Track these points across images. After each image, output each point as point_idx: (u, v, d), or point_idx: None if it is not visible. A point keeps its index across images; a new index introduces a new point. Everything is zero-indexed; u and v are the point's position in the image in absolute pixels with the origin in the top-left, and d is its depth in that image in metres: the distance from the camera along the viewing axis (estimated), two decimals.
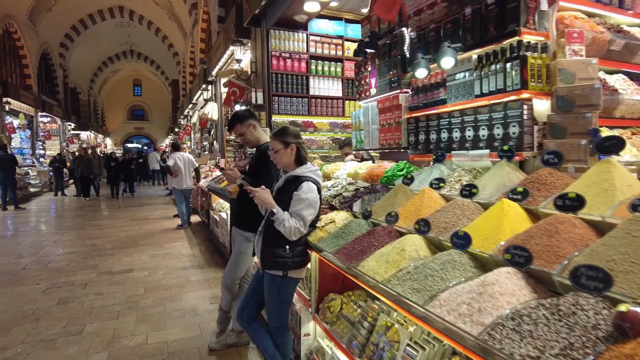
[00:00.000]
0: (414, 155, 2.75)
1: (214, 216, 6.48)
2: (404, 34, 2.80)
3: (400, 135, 2.80)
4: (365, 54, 3.15)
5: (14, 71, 16.96)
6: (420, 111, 2.66)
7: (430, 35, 2.58)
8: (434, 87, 2.55)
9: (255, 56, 7.30)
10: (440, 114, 2.52)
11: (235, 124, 3.11)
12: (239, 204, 3.16)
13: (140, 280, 4.89)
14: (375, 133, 3.07)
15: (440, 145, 2.53)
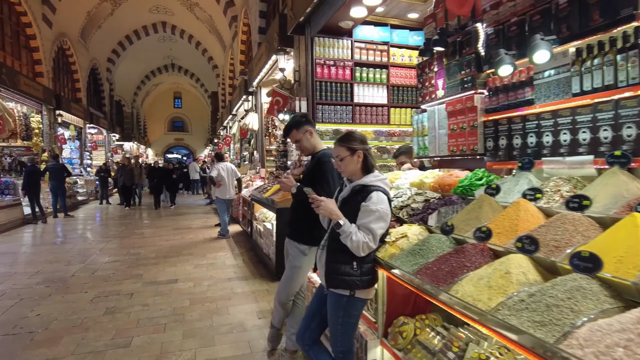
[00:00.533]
0: (493, 162, 2.47)
1: (258, 226, 6.35)
2: (479, 30, 2.55)
3: (475, 141, 2.53)
4: (431, 53, 2.91)
5: (66, 85, 17.83)
6: (501, 113, 2.39)
7: (511, 29, 2.32)
8: (518, 87, 2.27)
9: (299, 64, 7.20)
10: (526, 116, 2.24)
11: (291, 130, 2.94)
12: (294, 214, 2.97)
13: (185, 291, 4.79)
14: (443, 138, 2.81)
15: (526, 151, 2.25)
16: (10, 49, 12.95)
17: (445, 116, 2.78)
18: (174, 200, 14.56)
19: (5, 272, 5.67)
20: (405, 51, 7.33)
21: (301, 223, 2.86)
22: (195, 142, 36.42)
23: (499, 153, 2.42)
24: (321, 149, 2.99)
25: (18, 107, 12.61)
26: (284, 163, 7.68)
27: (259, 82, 10.58)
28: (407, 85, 7.33)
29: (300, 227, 2.87)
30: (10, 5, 12.90)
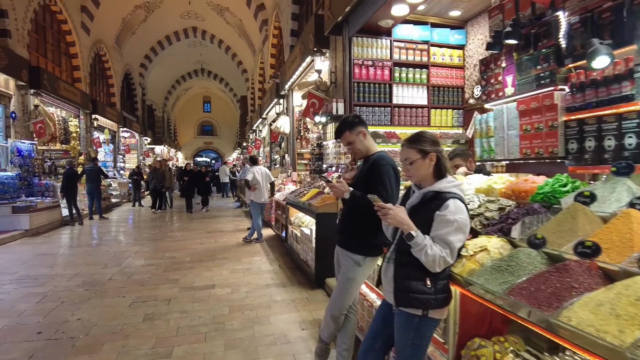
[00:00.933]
0: (576, 166, 2.20)
1: (294, 231, 6.19)
2: (560, 20, 2.28)
3: (554, 142, 2.27)
4: (501, 47, 2.66)
5: (102, 90, 18.32)
6: (589, 112, 2.12)
7: (603, 16, 2.05)
8: (612, 81, 2.00)
9: (335, 65, 7.03)
10: (623, 114, 1.96)
11: (343, 132, 2.74)
12: (346, 221, 2.76)
13: (223, 298, 4.66)
14: (513, 140, 2.56)
15: (622, 153, 1.97)
16: (52, 55, 13.36)
17: (517, 115, 2.53)
18: (207, 203, 14.31)
19: (46, 274, 5.72)
20: (446, 50, 7.04)
21: (355, 231, 2.66)
22: (223, 145, 36.90)
23: (585, 156, 2.15)
24: (375, 151, 2.78)
25: (57, 112, 12.97)
26: (318, 166, 7.51)
27: (291, 85, 10.48)
28: (448, 86, 7.04)
29: (353, 235, 2.66)
30: (52, 14, 13.33)
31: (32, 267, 6.13)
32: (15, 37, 10.30)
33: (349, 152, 2.85)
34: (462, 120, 7.13)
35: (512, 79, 2.62)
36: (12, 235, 8.28)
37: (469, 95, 7.05)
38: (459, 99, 7.14)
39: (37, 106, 10.99)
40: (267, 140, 16.13)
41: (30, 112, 10.83)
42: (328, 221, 4.82)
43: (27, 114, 10.72)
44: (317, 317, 4.03)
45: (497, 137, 2.73)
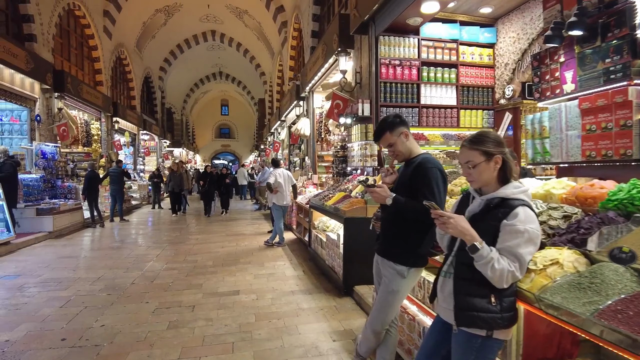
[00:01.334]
0: None
1: (318, 235, 6.01)
2: (634, 6, 2.05)
3: (628, 143, 2.03)
4: (562, 39, 2.43)
5: (122, 93, 18.53)
6: None
7: None
8: None
9: (360, 65, 6.84)
10: None
11: (383, 133, 2.55)
12: (388, 229, 2.56)
13: (248, 305, 4.51)
14: (574, 141, 2.33)
15: None
16: (75, 59, 13.53)
17: (578, 114, 2.30)
18: (227, 207, 13.84)
19: (69, 277, 5.67)
20: (476, 49, 6.80)
21: (398, 239, 2.46)
22: (241, 148, 37.07)
23: None
24: (418, 153, 2.58)
25: (80, 115, 13.12)
26: (342, 169, 7.32)
27: (312, 87, 10.34)
28: (478, 86, 6.79)
29: (396, 244, 2.47)
30: (76, 19, 13.51)
31: (56, 269, 6.10)
32: (41, 41, 10.43)
33: (389, 155, 2.65)
34: (493, 122, 6.86)
35: (573, 75, 2.39)
36: (37, 237, 8.32)
37: (500, 95, 6.78)
38: (489, 99, 6.88)
39: (61, 109, 11.10)
40: (285, 143, 16.02)
41: (54, 115, 10.95)
42: (357, 226, 4.64)
43: (51, 117, 10.83)
44: (347, 328, 3.84)
45: (553, 138, 2.50)
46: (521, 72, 6.31)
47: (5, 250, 7.21)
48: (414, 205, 2.34)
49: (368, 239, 4.65)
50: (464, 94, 6.72)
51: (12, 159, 8.09)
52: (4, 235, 7.38)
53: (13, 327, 3.88)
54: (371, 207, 4.65)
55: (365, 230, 4.61)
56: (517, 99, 6.45)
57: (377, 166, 6.05)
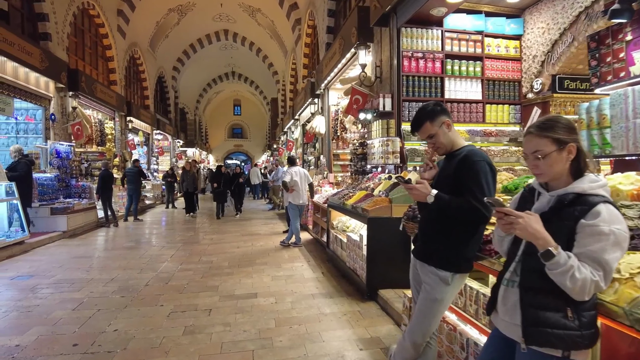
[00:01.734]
0: None
1: (338, 236, 5.77)
2: None
3: None
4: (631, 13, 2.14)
5: (136, 93, 18.54)
6: None
7: None
8: None
9: (381, 59, 6.58)
10: None
11: (423, 123, 2.29)
12: (429, 230, 2.30)
13: (267, 309, 4.28)
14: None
15: None
16: (89, 58, 13.51)
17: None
18: (240, 207, 13.29)
19: (83, 278, 5.52)
20: (502, 41, 6.49)
21: (441, 241, 2.20)
22: (253, 148, 37.04)
23: None
24: (462, 145, 2.32)
25: (94, 114, 13.08)
26: (361, 167, 7.06)
27: (328, 83, 10.10)
28: (504, 79, 6.49)
29: (439, 247, 2.20)
30: (91, 18, 13.49)
31: (69, 270, 5.97)
32: (56, 40, 10.38)
33: (428, 147, 2.40)
34: (520, 117, 6.55)
35: None
36: (51, 237, 8.24)
37: (527, 89, 6.46)
38: (515, 93, 6.57)
39: (75, 108, 11.05)
40: (299, 142, 15.82)
41: (69, 114, 10.90)
42: (381, 226, 4.39)
43: (65, 116, 10.79)
44: (374, 335, 3.58)
45: (616, 128, 2.22)
46: (551, 64, 5.98)
47: (20, 250, 7.12)
48: (460, 203, 2.08)
49: (393, 240, 4.41)
50: (489, 87, 6.42)
51: (26, 157, 8.01)
52: (19, 234, 7.30)
53: (24, 331, 3.72)
54: (396, 206, 4.39)
55: (390, 231, 4.37)
56: (546, 93, 6.12)
57: (400, 163, 5.78)
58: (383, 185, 4.99)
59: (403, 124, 5.91)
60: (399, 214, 4.37)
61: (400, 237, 4.32)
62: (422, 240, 2.34)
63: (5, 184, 7.18)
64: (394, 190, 4.50)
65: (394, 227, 4.36)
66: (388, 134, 5.81)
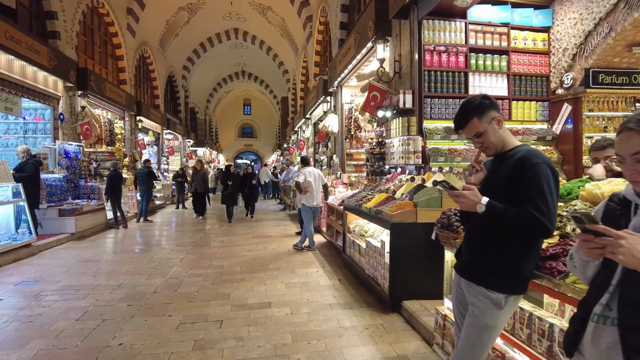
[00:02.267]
0: None
1: (355, 241, 5.45)
2: None
3: None
4: None
5: (146, 92, 18.40)
6: None
7: None
8: None
9: (400, 53, 6.24)
10: None
11: (470, 119, 1.97)
12: (477, 244, 1.97)
13: (282, 321, 3.98)
14: None
15: None
16: (99, 57, 13.37)
17: None
18: (253, 210, 12.44)
19: (89, 284, 5.29)
20: (529, 34, 6.12)
21: (493, 258, 1.87)
22: (263, 147, 36.88)
23: None
24: (515, 144, 1.99)
25: (103, 114, 12.93)
26: (379, 168, 6.73)
27: (342, 80, 9.78)
28: (531, 74, 6.12)
29: (491, 264, 1.88)
30: (100, 16, 13.35)
31: (75, 275, 5.74)
32: (64, 38, 10.22)
33: (476, 147, 2.07)
34: (548, 114, 6.17)
35: None
36: (58, 239, 8.05)
37: (557, 84, 6.07)
38: (543, 89, 6.19)
39: (84, 107, 10.89)
40: (310, 141, 15.52)
41: (78, 113, 10.74)
42: (405, 233, 4.06)
43: (74, 116, 10.63)
44: (401, 353, 3.26)
45: None
46: (584, 57, 5.59)
47: (27, 253, 6.93)
48: (516, 213, 1.75)
49: (418, 248, 4.08)
50: (515, 83, 6.05)
51: (34, 158, 7.83)
52: (26, 237, 7.11)
53: (24, 344, 3.47)
54: (422, 210, 4.06)
55: (415, 238, 4.06)
56: (578, 88, 5.74)
57: (421, 164, 5.44)
58: (405, 187, 4.66)
59: (425, 122, 5.57)
60: (424, 219, 4.05)
61: (428, 245, 3.99)
62: (468, 255, 2.01)
63: (12, 185, 7.00)
64: (419, 193, 4.16)
65: (419, 234, 4.06)
66: (409, 132, 5.48)
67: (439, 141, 5.54)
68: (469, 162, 5.68)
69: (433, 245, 3.97)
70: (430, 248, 3.99)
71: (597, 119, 5.74)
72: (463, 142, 5.69)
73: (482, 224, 1.93)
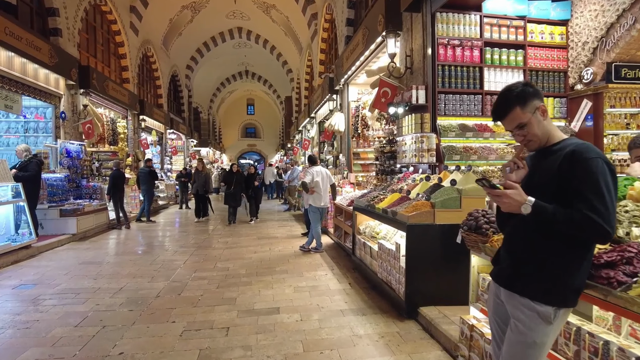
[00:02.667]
0: None
1: (367, 243, 5.22)
2: None
3: None
4: None
5: (149, 91, 18.23)
6: None
7: None
8: None
9: (411, 48, 6.01)
10: None
11: (512, 108, 1.74)
12: (521, 250, 1.74)
13: (292, 328, 3.76)
14: None
15: None
16: (101, 55, 13.20)
17: None
18: (256, 212, 11.62)
19: (89, 287, 5.09)
20: (546, 27, 5.88)
21: (540, 266, 1.65)
22: (266, 147, 36.70)
23: None
24: (560, 137, 1.77)
25: (106, 113, 12.74)
26: (389, 166, 6.50)
27: (349, 78, 9.56)
28: (548, 69, 5.87)
29: (538, 273, 1.65)
30: (103, 14, 13.17)
31: (75, 278, 5.54)
32: (66, 35, 10.03)
33: (517, 140, 1.84)
34: (566, 111, 5.92)
35: None
36: (59, 240, 7.86)
37: (575, 80, 5.83)
38: (560, 85, 5.94)
39: (86, 106, 10.70)
40: (315, 140, 15.30)
41: (80, 112, 10.56)
42: (422, 235, 3.84)
43: (76, 114, 10.44)
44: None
45: None
46: (605, 50, 5.34)
47: (26, 255, 6.75)
48: (569, 215, 1.53)
49: (436, 251, 3.85)
50: (532, 78, 5.80)
51: (35, 157, 7.64)
52: (25, 238, 6.92)
53: (18, 353, 3.27)
54: (440, 211, 3.83)
55: (433, 240, 3.83)
56: (598, 84, 5.49)
57: (436, 162, 5.21)
58: (421, 186, 4.43)
59: (439, 119, 5.34)
60: (442, 220, 3.83)
61: (446, 247, 3.78)
62: (510, 262, 1.78)
63: (11, 185, 6.81)
64: (437, 193, 3.93)
65: (437, 236, 3.83)
66: (422, 130, 5.25)
67: (453, 139, 5.30)
68: (484, 161, 5.47)
69: (452, 248, 3.75)
70: (449, 251, 3.77)
71: (619, 115, 5.48)
72: (478, 140, 5.45)
73: (526, 227, 1.71)
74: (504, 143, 5.56)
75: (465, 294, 3.59)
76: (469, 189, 3.85)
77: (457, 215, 3.83)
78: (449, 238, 3.79)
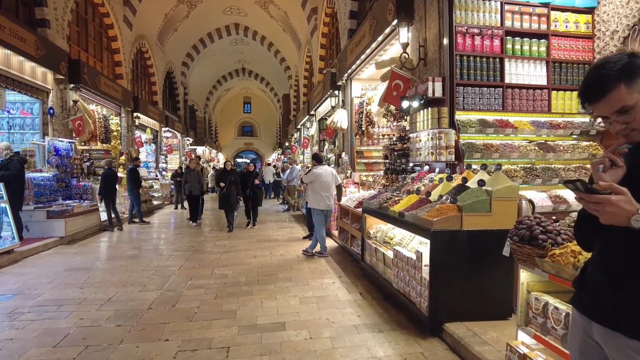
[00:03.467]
0: None
1: (379, 249, 4.78)
2: None
3: None
4: None
5: (144, 88, 17.71)
6: None
7: None
8: None
9: (425, 37, 5.57)
10: None
11: (615, 85, 1.28)
12: (629, 269, 1.30)
13: (301, 348, 3.31)
14: None
15: None
16: (93, 50, 12.69)
17: None
18: (255, 216, 10.28)
19: (74, 298, 4.62)
20: (571, 15, 5.45)
21: None
22: (263, 146, 36.20)
23: None
24: None
25: (98, 109, 12.22)
26: (401, 165, 6.05)
27: (353, 71, 9.11)
28: (573, 61, 5.45)
29: None
30: (95, 7, 12.65)
31: (59, 287, 5.06)
32: (55, 27, 9.52)
33: (615, 128, 1.39)
34: None
35: None
36: (46, 244, 7.36)
37: None
38: None
39: (76, 102, 10.19)
40: (315, 138, 14.85)
41: (69, 108, 10.05)
42: (449, 243, 3.40)
43: (65, 110, 9.93)
44: None
45: None
46: (638, 40, 4.91)
47: (8, 260, 6.25)
48: None
49: (464, 261, 3.39)
50: (555, 71, 5.38)
51: (17, 155, 7.14)
52: (7, 242, 6.43)
53: None
54: (467, 216, 3.39)
55: (461, 249, 3.39)
56: None
57: (454, 161, 4.77)
58: (442, 187, 3.99)
59: (457, 113, 4.90)
60: (471, 226, 3.39)
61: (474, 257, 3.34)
62: (611, 289, 1.33)
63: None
64: (463, 195, 3.50)
65: (465, 243, 3.39)
66: (439, 125, 4.80)
67: (473, 135, 4.87)
68: (505, 160, 5.04)
69: (482, 257, 3.34)
70: (478, 261, 3.34)
71: None
72: (499, 137, 5.02)
73: (635, 243, 1.26)
74: (525, 140, 5.13)
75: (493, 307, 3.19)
76: (500, 190, 3.42)
77: (487, 220, 3.41)
78: (476, 245, 3.37)
